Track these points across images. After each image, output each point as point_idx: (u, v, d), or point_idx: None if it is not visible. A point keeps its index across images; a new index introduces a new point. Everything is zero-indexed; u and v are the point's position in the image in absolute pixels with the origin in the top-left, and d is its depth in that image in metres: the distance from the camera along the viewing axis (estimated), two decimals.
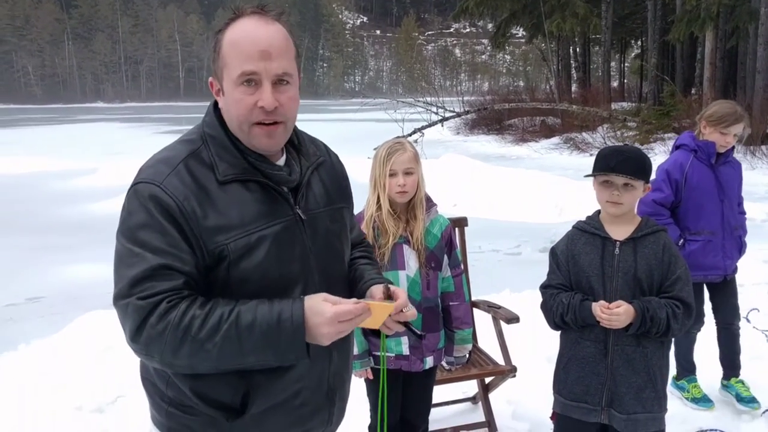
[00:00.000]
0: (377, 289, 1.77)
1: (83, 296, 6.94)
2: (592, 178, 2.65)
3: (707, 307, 3.99)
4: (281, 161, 1.75)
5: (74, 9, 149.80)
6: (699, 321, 3.95)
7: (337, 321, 1.55)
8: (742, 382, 3.96)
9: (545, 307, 2.68)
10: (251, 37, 1.59)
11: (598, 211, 2.68)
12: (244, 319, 1.52)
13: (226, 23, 1.64)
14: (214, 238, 1.57)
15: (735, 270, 3.91)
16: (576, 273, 2.61)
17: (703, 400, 3.98)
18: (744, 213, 4.00)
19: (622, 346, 2.51)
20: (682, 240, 3.79)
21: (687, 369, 4.08)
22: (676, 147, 3.91)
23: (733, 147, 3.82)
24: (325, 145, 1.97)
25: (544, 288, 2.71)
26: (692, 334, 4.00)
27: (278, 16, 1.66)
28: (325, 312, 1.54)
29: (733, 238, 3.82)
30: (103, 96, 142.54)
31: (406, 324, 1.74)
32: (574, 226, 2.72)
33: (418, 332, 1.79)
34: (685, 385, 4.07)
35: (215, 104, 1.73)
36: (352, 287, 1.89)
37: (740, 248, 3.88)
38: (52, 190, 15.44)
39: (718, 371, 4.05)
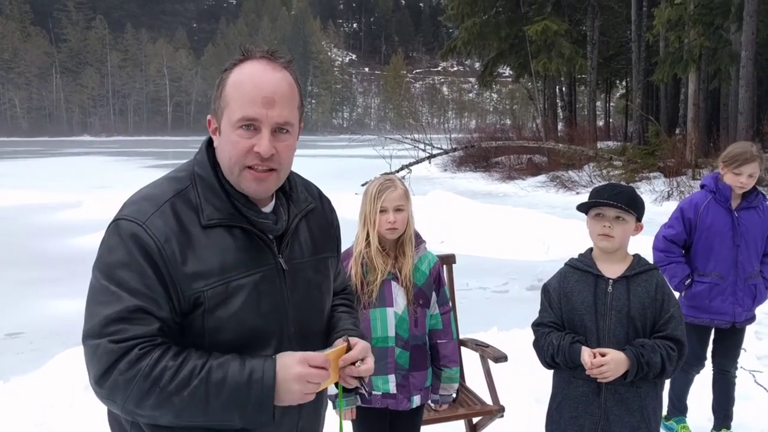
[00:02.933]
0: (338, 342, 1.73)
1: (65, 332, 6.82)
2: (585, 217, 2.64)
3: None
4: (269, 207, 1.72)
5: (63, 43, 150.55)
6: (699, 364, 3.91)
7: (306, 363, 1.53)
8: None
9: (537, 345, 2.65)
10: (256, 82, 1.57)
11: (591, 249, 2.67)
12: (215, 376, 1.49)
13: (233, 63, 1.62)
14: (192, 284, 1.53)
15: (749, 319, 3.83)
16: (569, 311, 2.59)
17: None
18: None
19: (616, 385, 2.47)
20: (689, 280, 3.76)
21: (678, 409, 4.04)
22: (701, 186, 3.88)
23: (756, 192, 3.74)
24: (319, 191, 1.94)
25: (536, 326, 2.68)
26: (690, 375, 3.96)
27: (287, 63, 1.64)
28: (294, 355, 1.55)
29: (747, 286, 3.72)
30: (89, 129, 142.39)
31: (359, 379, 1.70)
32: (566, 264, 2.71)
33: (367, 390, 1.77)
34: (674, 426, 4.03)
35: (209, 143, 1.70)
36: (327, 337, 1.85)
37: (755, 296, 3.76)
38: (36, 223, 15.30)
39: (707, 413, 4.02)
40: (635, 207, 2.52)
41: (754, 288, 3.74)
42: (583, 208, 2.60)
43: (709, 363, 3.97)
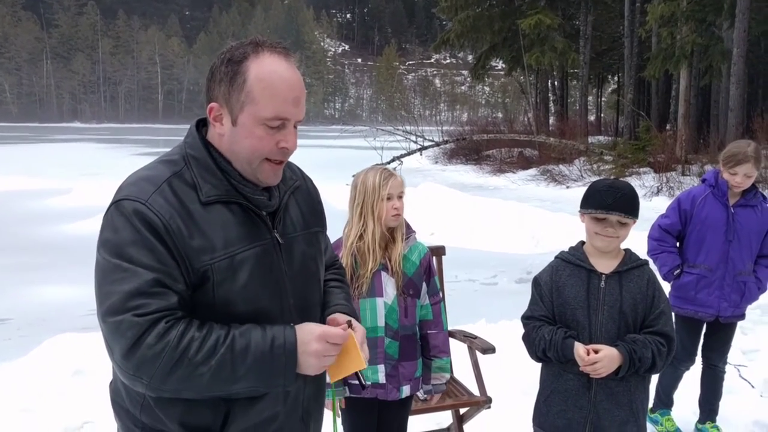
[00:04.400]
0: (340, 318, 1.79)
1: (53, 318, 6.82)
2: (574, 210, 2.64)
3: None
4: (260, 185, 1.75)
5: (54, 28, 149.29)
6: (689, 359, 3.94)
7: (324, 341, 1.59)
8: (717, 428, 3.95)
9: (527, 339, 2.65)
10: (288, 83, 1.62)
11: (582, 242, 2.67)
12: (238, 344, 1.53)
13: (245, 54, 1.61)
14: (200, 257, 1.56)
15: (737, 315, 3.83)
16: (560, 305, 2.59)
17: None
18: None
19: (606, 379, 2.48)
20: (678, 270, 3.80)
21: (664, 403, 4.07)
22: (702, 180, 3.92)
23: (755, 191, 3.76)
24: (300, 170, 1.98)
25: (527, 319, 2.68)
26: (679, 370, 3.98)
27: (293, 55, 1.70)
28: (313, 331, 1.61)
29: (735, 282, 3.74)
30: (80, 116, 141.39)
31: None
32: (557, 257, 2.70)
33: (364, 383, 1.79)
34: (659, 418, 4.07)
35: (197, 125, 1.72)
36: (323, 307, 1.90)
37: (743, 293, 3.78)
38: (26, 209, 15.21)
39: (693, 406, 4.06)
40: (636, 210, 2.53)
41: (743, 285, 3.76)
42: (587, 209, 2.54)
43: (698, 358, 4.00)
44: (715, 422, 3.97)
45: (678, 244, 3.91)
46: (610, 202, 2.49)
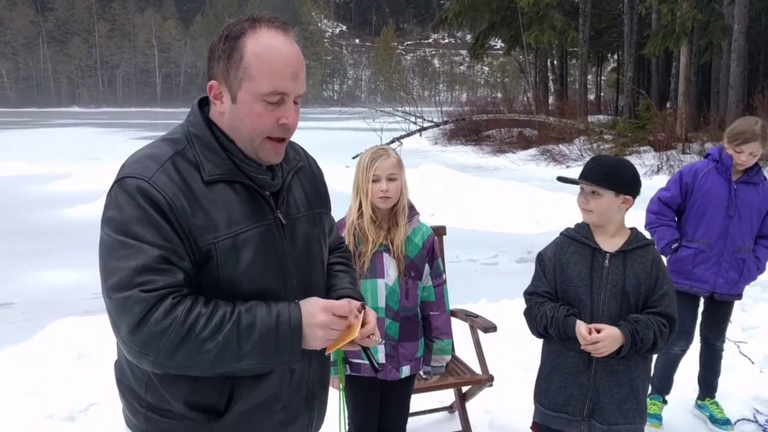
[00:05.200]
0: (353, 302, 1.77)
1: (56, 302, 6.85)
2: (573, 190, 2.66)
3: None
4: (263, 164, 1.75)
5: (50, 12, 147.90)
6: (685, 338, 3.85)
7: (329, 312, 1.61)
8: (716, 403, 3.97)
9: (529, 314, 2.66)
10: (285, 57, 1.60)
11: None
12: (244, 320, 1.54)
13: (242, 30, 1.60)
14: (203, 236, 1.56)
15: (733, 294, 3.79)
16: (563, 281, 2.60)
17: (652, 417, 3.89)
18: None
19: (606, 358, 2.49)
20: (677, 244, 3.78)
21: (657, 389, 4.01)
22: (706, 156, 3.89)
23: (758, 168, 3.74)
24: (304, 150, 1.98)
25: (529, 294, 2.69)
26: (674, 352, 3.89)
27: (292, 31, 1.68)
28: (317, 303, 1.63)
29: (734, 259, 3.71)
30: (78, 100, 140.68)
31: (366, 350, 1.75)
32: (562, 233, 2.71)
33: (377, 365, 1.79)
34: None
35: (200, 103, 1.72)
36: (326, 293, 1.90)
37: (741, 271, 3.74)
38: (26, 194, 15.21)
39: (693, 383, 4.07)
40: (610, 182, 2.51)
41: (741, 263, 3.73)
42: (568, 182, 2.63)
43: (698, 336, 3.99)
44: (714, 398, 3.99)
45: (676, 219, 3.88)
46: (584, 170, 2.54)
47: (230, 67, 1.60)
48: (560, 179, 2.71)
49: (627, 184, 2.55)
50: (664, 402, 4.01)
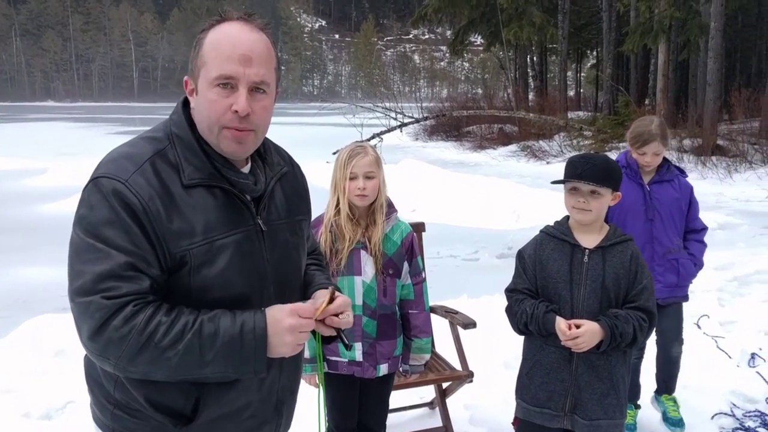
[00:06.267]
0: (321, 292, 1.77)
1: (32, 299, 6.75)
2: (554, 186, 2.66)
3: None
4: (246, 169, 1.72)
5: (22, 4, 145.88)
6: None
7: (296, 314, 1.57)
8: (674, 400, 3.88)
9: (510, 312, 2.67)
10: (233, 41, 1.58)
11: (567, 217, 2.68)
12: (206, 329, 1.50)
13: (210, 24, 1.62)
14: (178, 242, 1.53)
15: (677, 297, 3.70)
16: (543, 278, 2.62)
17: (627, 427, 3.73)
18: (699, 236, 3.74)
19: (587, 353, 2.50)
20: None
21: (627, 398, 3.84)
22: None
23: (667, 165, 3.66)
24: (289, 155, 1.95)
25: (510, 292, 2.70)
26: (632, 362, 3.60)
27: (264, 25, 1.65)
28: (283, 308, 1.58)
29: (666, 261, 3.61)
30: (53, 95, 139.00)
31: (337, 330, 1.72)
32: (542, 231, 2.72)
33: (347, 342, 1.76)
34: None
35: (184, 103, 1.69)
36: (303, 295, 1.88)
37: (678, 271, 3.63)
38: (1, 190, 14.96)
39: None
40: (609, 180, 2.54)
41: (676, 263, 3.63)
42: (564, 180, 2.60)
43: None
44: (672, 395, 3.89)
45: None
46: (579, 171, 2.53)
47: (194, 59, 1.62)
48: (556, 182, 2.66)
49: (619, 180, 2.60)
50: (637, 407, 3.92)
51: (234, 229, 1.62)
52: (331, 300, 1.69)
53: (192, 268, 1.55)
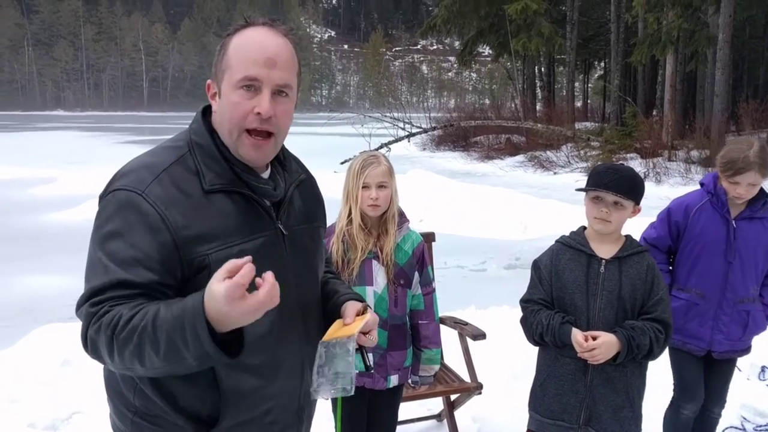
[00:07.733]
0: (353, 306, 1.76)
1: (40, 308, 6.76)
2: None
3: None
4: (266, 174, 1.72)
5: (35, 14, 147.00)
6: (692, 399, 3.22)
7: (225, 274, 1.33)
8: None
9: (525, 323, 2.66)
10: (259, 44, 1.59)
11: (584, 227, 2.67)
12: (160, 316, 1.40)
13: (235, 29, 1.64)
14: (196, 248, 1.53)
15: (737, 350, 3.17)
16: (559, 288, 2.60)
17: None
18: None
19: (602, 364, 2.48)
20: None
21: None
22: (700, 185, 3.21)
23: (764, 200, 3.04)
24: (303, 164, 1.96)
25: (525, 302, 2.68)
26: (683, 415, 3.25)
27: (287, 31, 1.67)
28: (215, 276, 1.35)
29: (735, 311, 3.06)
30: (63, 104, 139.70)
31: (361, 348, 1.72)
32: (557, 241, 2.70)
33: (369, 364, 1.76)
34: None
35: (203, 111, 1.70)
36: (324, 302, 1.88)
37: (746, 324, 3.09)
38: (9, 198, 15.04)
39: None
40: (635, 193, 2.52)
41: (746, 315, 3.08)
42: (586, 188, 2.58)
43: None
44: None
45: (669, 259, 3.24)
46: (605, 181, 2.50)
47: (218, 63, 1.63)
48: (579, 190, 2.63)
49: (642, 194, 2.57)
50: None
51: (254, 234, 1.62)
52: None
53: (212, 273, 1.47)
